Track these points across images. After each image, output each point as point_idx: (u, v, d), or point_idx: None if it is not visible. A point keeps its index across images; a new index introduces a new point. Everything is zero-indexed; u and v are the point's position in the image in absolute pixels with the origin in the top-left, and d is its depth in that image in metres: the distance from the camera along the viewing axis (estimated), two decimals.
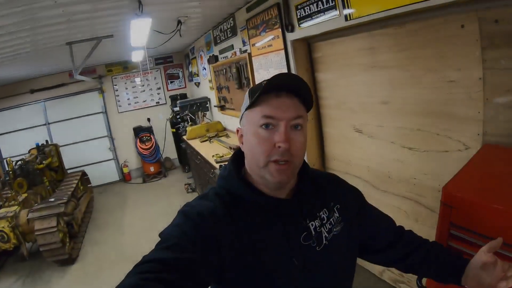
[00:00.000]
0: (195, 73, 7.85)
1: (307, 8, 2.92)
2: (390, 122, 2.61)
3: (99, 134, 8.40)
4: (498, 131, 1.87)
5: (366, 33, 2.62)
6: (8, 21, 2.99)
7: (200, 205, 0.93)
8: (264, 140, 0.90)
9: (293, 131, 0.91)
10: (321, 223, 1.01)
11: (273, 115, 0.89)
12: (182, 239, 0.82)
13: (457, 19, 1.94)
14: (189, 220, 0.87)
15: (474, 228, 1.20)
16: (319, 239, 0.98)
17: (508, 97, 1.78)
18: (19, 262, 4.99)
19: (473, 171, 1.51)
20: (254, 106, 0.93)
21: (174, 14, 4.23)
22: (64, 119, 8.03)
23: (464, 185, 1.37)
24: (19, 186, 5.17)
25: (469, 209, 1.21)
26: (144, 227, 5.67)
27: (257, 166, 0.93)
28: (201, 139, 5.81)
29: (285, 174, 0.90)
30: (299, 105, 0.93)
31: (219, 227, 0.88)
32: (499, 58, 1.78)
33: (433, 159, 2.30)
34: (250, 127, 0.94)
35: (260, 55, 4.04)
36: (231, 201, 0.95)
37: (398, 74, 2.43)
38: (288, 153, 0.89)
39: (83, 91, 8.06)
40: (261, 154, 0.90)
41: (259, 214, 0.94)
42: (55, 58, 5.42)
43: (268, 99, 0.91)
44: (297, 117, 0.91)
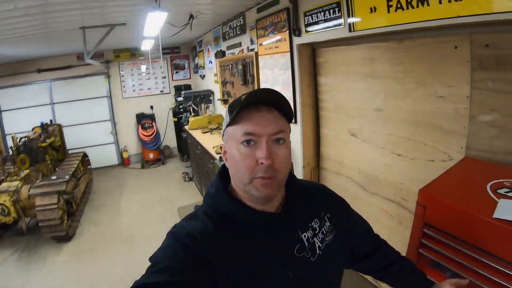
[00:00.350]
0: (201, 65, 7.92)
1: (314, 16, 3.05)
2: (382, 128, 2.75)
3: (102, 117, 8.46)
4: (480, 146, 2.00)
5: (367, 45, 2.76)
6: (24, 4, 3.08)
7: (189, 225, 0.92)
8: (246, 157, 0.89)
9: (275, 146, 0.90)
10: (314, 233, 1.01)
11: (254, 132, 0.88)
12: (173, 262, 0.81)
13: (451, 40, 2.08)
14: (179, 242, 0.86)
15: (443, 227, 1.37)
16: (313, 249, 0.98)
17: (492, 116, 1.91)
18: (17, 236, 5.07)
19: (449, 179, 1.67)
20: (235, 123, 0.91)
21: (187, 8, 4.32)
22: (69, 100, 8.07)
23: (438, 189, 1.54)
24: (22, 162, 5.25)
25: (439, 210, 1.39)
26: (140, 210, 5.81)
27: (242, 183, 0.92)
28: (203, 130, 5.91)
29: (270, 188, 0.89)
30: (280, 118, 0.92)
31: (209, 247, 0.86)
32: (487, 80, 1.91)
33: (419, 167, 2.44)
34: (232, 144, 0.93)
35: (266, 55, 4.16)
36: (221, 220, 0.93)
37: (393, 85, 2.57)
38: (271, 169, 0.88)
39: (89, 74, 8.10)
40: (245, 171, 0.89)
41: (250, 230, 0.93)
42: (67, 40, 5.48)
43: (248, 114, 0.90)
44: (278, 131, 0.90)
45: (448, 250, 1.35)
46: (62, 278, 4.02)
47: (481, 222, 1.24)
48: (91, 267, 4.19)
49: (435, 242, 1.40)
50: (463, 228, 1.30)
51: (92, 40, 4.98)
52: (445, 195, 1.47)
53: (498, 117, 1.88)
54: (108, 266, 4.17)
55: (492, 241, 1.21)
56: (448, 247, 1.36)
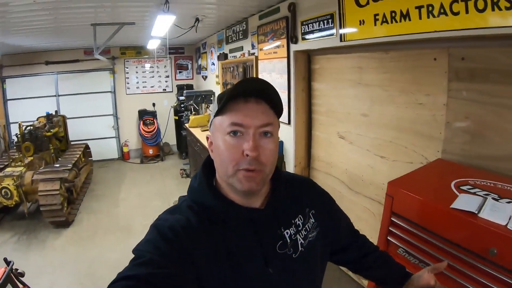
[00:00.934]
0: (204, 66, 8.03)
1: (310, 25, 3.22)
2: (367, 132, 2.89)
3: (105, 112, 8.55)
4: (454, 150, 2.13)
5: (357, 54, 2.92)
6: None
7: (172, 219, 0.89)
8: (232, 148, 0.86)
9: (262, 139, 0.87)
10: (297, 230, 0.98)
11: (241, 122, 0.85)
12: (155, 254, 0.79)
13: (431, 53, 2.23)
14: (161, 235, 0.84)
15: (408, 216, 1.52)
16: (295, 246, 0.96)
17: (466, 123, 2.05)
18: (17, 220, 5.16)
19: (418, 175, 1.83)
20: (222, 113, 0.88)
21: (194, 12, 4.48)
22: (74, 93, 8.16)
23: (405, 182, 1.69)
24: (26, 149, 5.36)
25: (405, 200, 1.54)
26: (138, 203, 5.89)
27: (226, 175, 0.89)
28: (202, 128, 6.02)
29: (254, 182, 0.86)
30: (268, 111, 0.89)
31: (192, 240, 0.84)
32: (462, 90, 2.06)
33: (400, 168, 2.57)
34: (218, 134, 0.90)
35: (265, 60, 4.32)
36: (204, 213, 0.91)
37: (379, 92, 2.72)
38: (256, 161, 0.85)
39: (95, 69, 8.20)
40: (229, 163, 0.86)
41: (232, 225, 0.91)
42: (77, 35, 5.64)
43: (236, 105, 0.87)
44: (266, 124, 0.87)
45: (412, 236, 1.50)
46: (60, 261, 4.08)
47: (440, 212, 1.38)
48: (88, 252, 4.27)
49: (401, 229, 1.55)
50: (424, 217, 1.45)
51: (101, 37, 5.10)
52: (411, 187, 1.60)
53: (471, 124, 2.01)
54: (104, 252, 4.25)
55: (449, 229, 1.34)
56: (411, 234, 1.50)
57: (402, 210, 1.55)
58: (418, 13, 2.05)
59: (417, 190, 1.56)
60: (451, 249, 1.33)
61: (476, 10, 1.72)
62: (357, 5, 2.55)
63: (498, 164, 1.86)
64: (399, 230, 1.56)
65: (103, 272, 3.82)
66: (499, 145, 1.87)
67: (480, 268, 1.22)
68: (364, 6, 2.48)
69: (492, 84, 1.88)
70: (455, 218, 1.31)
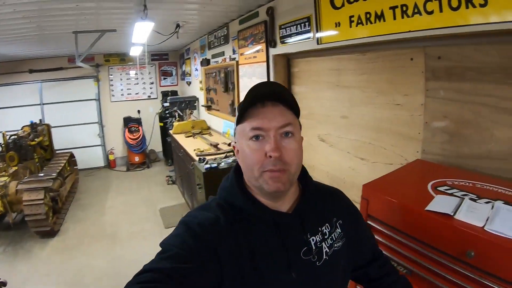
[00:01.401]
0: (188, 72, 7.98)
1: (288, 29, 3.18)
2: (347, 134, 2.83)
3: (90, 120, 8.43)
4: (433, 150, 2.07)
5: (335, 56, 2.86)
6: (22, 8, 3.16)
7: (201, 215, 0.91)
8: (255, 151, 0.88)
9: (284, 139, 0.89)
10: (323, 238, 0.98)
11: (260, 126, 0.88)
12: (182, 249, 0.81)
13: (407, 53, 2.18)
14: (190, 230, 0.85)
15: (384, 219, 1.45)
16: (320, 254, 0.96)
17: (444, 122, 1.99)
18: (2, 231, 5.08)
19: (394, 177, 1.76)
20: (243, 121, 0.91)
21: (174, 18, 4.44)
22: (58, 101, 8.03)
23: (380, 185, 1.63)
24: (11, 159, 5.26)
25: (380, 203, 1.47)
26: (124, 210, 5.84)
27: (253, 178, 0.90)
28: (186, 135, 5.97)
29: (280, 182, 0.87)
30: (286, 112, 0.91)
31: (219, 238, 0.86)
32: (439, 89, 2.00)
33: (380, 170, 2.51)
34: (242, 141, 0.92)
35: (246, 64, 4.26)
36: (232, 213, 0.92)
37: (357, 93, 2.66)
38: (280, 161, 0.86)
39: (79, 77, 8.09)
40: (255, 166, 0.88)
41: (260, 227, 0.92)
42: (59, 43, 5.56)
43: (255, 111, 0.89)
44: (285, 124, 0.89)
45: (389, 240, 1.43)
46: (46, 270, 4.06)
47: (415, 214, 1.31)
48: (75, 261, 4.23)
49: (378, 233, 1.48)
50: (400, 220, 1.38)
51: (84, 44, 5.03)
52: (386, 190, 1.54)
53: (450, 123, 1.96)
54: (90, 260, 4.21)
55: (425, 232, 1.28)
56: (388, 237, 1.43)
57: (378, 213, 1.49)
58: (393, 13, 2.01)
59: (392, 192, 1.50)
60: (428, 252, 1.26)
61: (450, 9, 1.67)
62: (332, 7, 2.50)
63: (478, 163, 1.81)
64: (376, 234, 1.48)
65: (89, 280, 3.77)
66: (478, 143, 1.82)
67: (458, 271, 1.16)
68: (339, 8, 2.44)
69: (469, 82, 1.83)
70: (430, 221, 1.25)
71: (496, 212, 1.19)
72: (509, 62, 1.63)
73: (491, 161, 1.75)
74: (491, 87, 1.72)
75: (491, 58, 1.70)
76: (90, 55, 7.47)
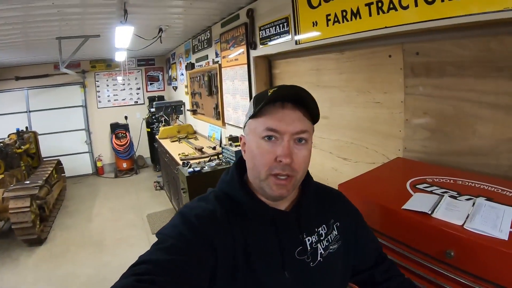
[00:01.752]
0: (174, 77, 7.91)
1: (267, 30, 3.13)
2: (329, 135, 2.78)
3: (77, 126, 8.26)
4: (415, 147, 2.03)
5: (313, 56, 2.82)
6: (4, 14, 3.10)
7: (199, 207, 0.88)
8: (266, 153, 0.84)
9: (296, 145, 0.85)
10: (318, 239, 0.96)
11: (276, 128, 0.84)
12: (179, 241, 0.78)
13: (385, 50, 2.13)
14: (187, 222, 0.83)
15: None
16: (314, 255, 0.93)
17: (424, 119, 1.95)
18: None
19: (372, 175, 1.70)
20: (258, 116, 0.87)
21: (156, 22, 4.37)
22: (45, 108, 7.88)
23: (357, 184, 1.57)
24: None
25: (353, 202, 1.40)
26: (112, 217, 5.74)
27: (258, 178, 0.87)
28: (172, 139, 5.90)
29: (284, 189, 0.85)
30: (304, 118, 0.87)
31: (216, 230, 0.83)
32: (418, 85, 1.96)
33: (362, 169, 2.42)
34: (253, 137, 0.88)
35: (228, 67, 4.20)
36: (230, 206, 0.90)
37: (337, 93, 2.61)
38: (289, 167, 0.83)
39: (65, 84, 7.95)
40: (262, 167, 0.85)
41: (256, 222, 0.89)
42: (44, 50, 5.47)
43: (273, 110, 0.85)
44: (301, 131, 0.85)
45: None
46: (33, 278, 3.97)
47: (392, 214, 1.26)
48: (62, 268, 4.16)
49: None
50: (378, 220, 1.32)
51: (68, 50, 4.95)
52: (362, 189, 1.49)
53: (430, 120, 1.92)
54: (78, 267, 4.14)
55: (403, 232, 1.23)
56: None
57: None
58: (368, 10, 1.97)
59: (369, 192, 1.45)
60: (407, 252, 1.21)
61: (426, 3, 1.64)
62: (310, 6, 2.46)
63: (460, 159, 1.77)
64: None
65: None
66: (459, 139, 1.77)
67: (438, 271, 1.10)
68: (316, 7, 2.39)
69: (448, 78, 1.78)
70: (407, 220, 1.19)
71: (477, 209, 1.13)
72: (487, 55, 1.59)
73: (474, 156, 1.72)
74: (471, 81, 1.68)
75: (469, 52, 1.66)
76: (76, 61, 7.42)
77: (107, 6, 3.30)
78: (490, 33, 1.55)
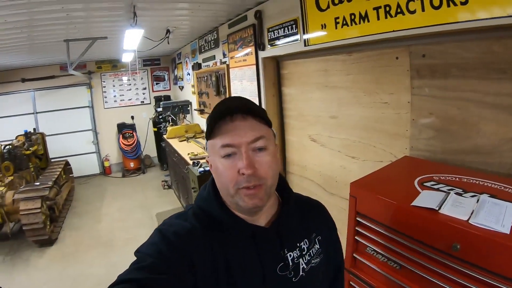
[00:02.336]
0: (180, 77, 7.97)
1: (276, 32, 3.20)
2: (337, 134, 2.85)
3: (84, 127, 8.38)
4: (421, 146, 2.09)
5: (322, 58, 2.88)
6: (13, 18, 3.17)
7: (177, 224, 0.88)
8: (228, 169, 0.84)
9: (256, 153, 0.85)
10: (300, 254, 0.95)
11: (231, 143, 0.84)
12: (157, 259, 0.78)
13: (393, 52, 2.20)
14: (165, 240, 0.82)
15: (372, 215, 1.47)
16: (296, 270, 0.93)
17: (430, 119, 2.01)
18: (0, 241, 5.04)
19: (381, 174, 1.78)
20: (213, 136, 0.87)
21: (164, 24, 4.44)
22: (52, 109, 7.98)
23: (367, 182, 1.65)
24: (6, 169, 5.24)
25: (367, 200, 1.48)
26: (120, 217, 5.81)
27: (228, 195, 0.87)
28: (180, 139, 5.97)
29: (257, 198, 0.84)
30: (257, 125, 0.87)
31: (194, 247, 0.83)
32: (424, 86, 2.02)
33: (370, 167, 2.51)
34: (214, 157, 0.89)
35: (236, 68, 4.27)
36: (209, 223, 0.89)
37: (345, 93, 2.68)
38: (255, 177, 0.83)
39: (72, 85, 8.05)
40: (229, 183, 0.85)
41: (236, 239, 0.89)
42: (51, 52, 5.53)
43: (224, 125, 0.85)
44: (256, 139, 0.85)
45: (378, 235, 1.44)
46: (44, 279, 4.03)
47: (402, 210, 1.33)
48: (72, 269, 4.22)
49: (367, 229, 1.49)
50: (388, 216, 1.39)
51: (75, 52, 5.02)
52: (373, 187, 1.56)
53: (435, 120, 1.98)
54: (88, 268, 4.20)
55: (412, 227, 1.29)
56: (377, 233, 1.45)
57: (366, 210, 1.50)
58: (376, 14, 2.03)
59: (379, 189, 1.51)
60: (416, 246, 1.28)
61: (432, 8, 1.70)
62: (318, 9, 2.52)
63: (465, 158, 1.83)
64: (365, 230, 1.50)
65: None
66: (464, 138, 1.84)
67: (446, 264, 1.17)
68: (325, 10, 2.46)
69: (452, 79, 1.85)
70: (416, 216, 1.26)
71: (481, 205, 1.20)
72: (490, 57, 1.65)
73: (478, 155, 1.77)
74: (474, 82, 1.74)
75: (473, 54, 1.73)
76: (82, 62, 7.48)
77: (115, 10, 3.37)
78: (493, 36, 1.62)
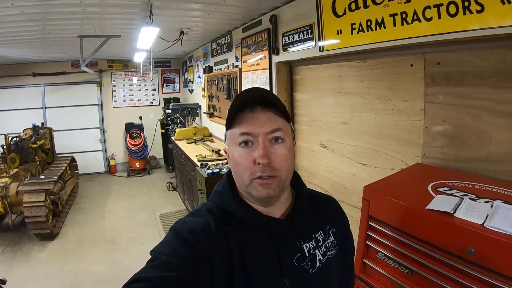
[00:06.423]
0: (190, 80, 8.03)
1: (291, 37, 3.25)
2: (348, 140, 2.86)
3: (92, 125, 8.45)
4: (434, 154, 2.10)
5: (336, 63, 2.92)
6: (29, 10, 3.21)
7: (191, 221, 0.88)
8: (244, 158, 0.87)
9: (273, 145, 0.87)
10: (316, 245, 0.97)
11: (249, 132, 0.86)
12: (172, 257, 0.78)
13: (407, 59, 2.22)
14: (180, 237, 0.83)
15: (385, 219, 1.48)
16: (313, 261, 0.94)
17: (443, 126, 2.03)
18: (1, 232, 5.09)
19: (395, 179, 1.80)
20: (232, 126, 0.90)
21: (178, 25, 4.51)
22: (61, 105, 8.06)
23: (381, 186, 1.66)
24: (12, 161, 5.28)
25: (381, 203, 1.50)
26: (123, 215, 5.84)
27: (243, 184, 0.89)
28: (188, 141, 6.00)
29: (270, 188, 0.86)
30: (275, 117, 0.89)
31: (210, 243, 0.83)
32: (438, 94, 2.04)
33: (381, 175, 2.49)
34: (232, 147, 0.91)
35: (248, 72, 4.32)
36: (224, 218, 0.91)
37: (358, 100, 2.70)
38: (269, 168, 0.85)
39: (82, 82, 8.12)
40: (244, 172, 0.87)
41: (252, 232, 0.90)
42: (64, 47, 5.63)
43: (244, 116, 0.88)
44: (274, 130, 0.87)
45: (390, 240, 1.46)
46: (44, 273, 4.04)
47: (416, 213, 1.34)
48: (73, 264, 4.22)
49: (379, 233, 1.50)
50: (401, 219, 1.41)
51: (88, 49, 5.08)
52: (387, 190, 1.58)
53: (448, 127, 1.99)
54: (89, 264, 4.20)
55: (426, 230, 1.31)
56: (389, 237, 1.46)
57: (379, 213, 1.51)
58: (393, 20, 2.07)
59: (393, 193, 1.53)
60: (429, 250, 1.29)
61: (448, 15, 1.73)
62: (334, 15, 2.56)
63: (477, 166, 1.84)
64: (377, 234, 1.52)
65: (87, 285, 3.77)
66: (477, 146, 1.85)
67: (459, 268, 1.18)
68: (341, 16, 2.50)
69: (467, 87, 1.87)
70: (431, 219, 1.28)
71: (495, 210, 1.22)
72: (504, 66, 1.67)
73: (490, 163, 1.78)
74: (488, 91, 1.76)
75: (488, 63, 1.75)
76: (93, 60, 7.54)
77: (131, 7, 3.42)
78: (506, 45, 1.65)
